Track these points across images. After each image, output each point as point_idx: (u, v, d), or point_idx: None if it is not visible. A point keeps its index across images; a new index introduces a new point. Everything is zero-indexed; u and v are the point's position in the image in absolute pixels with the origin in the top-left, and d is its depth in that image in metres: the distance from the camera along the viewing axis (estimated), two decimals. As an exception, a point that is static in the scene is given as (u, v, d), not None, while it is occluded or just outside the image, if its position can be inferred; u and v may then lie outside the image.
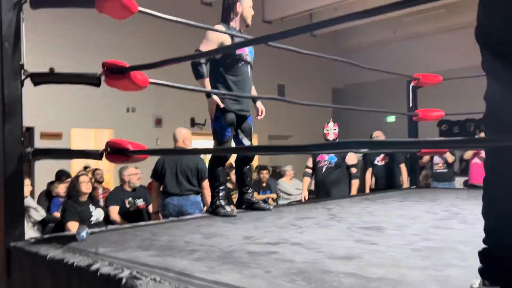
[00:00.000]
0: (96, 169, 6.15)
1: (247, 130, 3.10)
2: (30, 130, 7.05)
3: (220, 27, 2.92)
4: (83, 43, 7.83)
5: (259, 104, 3.17)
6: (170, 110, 8.93)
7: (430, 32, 11.24)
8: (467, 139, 1.92)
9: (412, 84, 4.56)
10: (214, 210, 2.88)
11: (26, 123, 6.33)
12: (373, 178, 5.83)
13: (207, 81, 2.87)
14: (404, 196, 3.83)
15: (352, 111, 12.79)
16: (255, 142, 11.18)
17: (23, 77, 2.09)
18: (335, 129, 5.06)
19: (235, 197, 5.58)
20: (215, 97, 2.86)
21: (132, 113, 8.33)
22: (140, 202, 4.68)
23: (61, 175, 5.50)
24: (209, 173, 3.00)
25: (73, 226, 3.93)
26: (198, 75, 2.84)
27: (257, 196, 6.35)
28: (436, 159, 6.45)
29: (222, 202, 2.90)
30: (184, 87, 2.52)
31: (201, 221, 2.65)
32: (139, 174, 4.95)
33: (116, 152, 2.01)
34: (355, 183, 4.97)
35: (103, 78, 2.08)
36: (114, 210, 4.48)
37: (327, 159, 5.01)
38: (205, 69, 2.85)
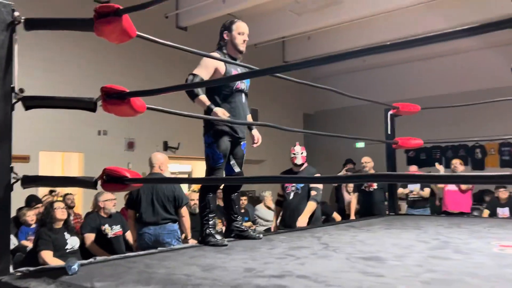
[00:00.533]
0: (67, 194, 5.91)
1: (239, 157, 3.07)
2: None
3: (216, 54, 2.92)
4: (75, 67, 7.83)
5: (255, 131, 3.14)
6: (142, 133, 8.77)
7: (398, 61, 11.64)
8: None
9: (390, 112, 4.66)
10: (204, 239, 2.80)
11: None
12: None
13: (204, 97, 2.81)
14: (387, 224, 3.86)
15: (322, 136, 12.99)
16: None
17: (14, 100, 1.99)
18: (302, 153, 4.82)
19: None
20: (219, 109, 2.78)
21: (103, 136, 8.11)
22: (117, 229, 4.50)
23: (31, 201, 5.24)
24: (200, 200, 2.93)
25: (47, 256, 3.74)
26: (194, 95, 2.80)
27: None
28: (411, 186, 6.59)
29: (212, 231, 2.83)
30: (179, 112, 2.48)
31: (193, 251, 2.56)
32: (114, 200, 4.78)
33: (113, 180, 1.92)
34: (310, 205, 4.33)
35: (99, 103, 2.02)
36: (90, 238, 4.29)
37: (294, 184, 4.65)
38: (198, 90, 2.81)
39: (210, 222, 2.85)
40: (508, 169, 10.96)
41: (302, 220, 4.23)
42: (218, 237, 2.82)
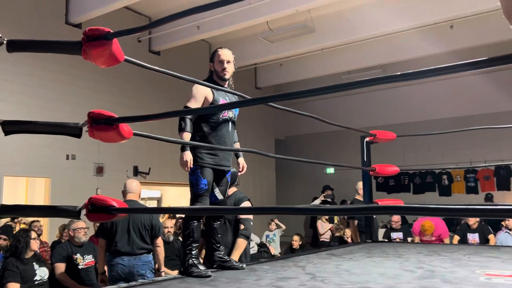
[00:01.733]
0: (33, 221, 5.64)
1: (223, 184, 3.01)
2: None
3: (205, 82, 2.89)
4: (59, 95, 7.75)
5: (241, 160, 3.13)
6: (112, 158, 8.55)
7: (370, 89, 11.93)
8: None
9: (367, 139, 4.72)
10: (186, 270, 2.70)
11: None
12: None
13: (186, 135, 2.78)
14: (367, 251, 3.84)
15: (294, 162, 13.05)
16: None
17: (-8, 125, 1.88)
18: None
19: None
20: (188, 156, 2.75)
21: (71, 161, 7.86)
22: (89, 259, 4.29)
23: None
24: (183, 229, 2.83)
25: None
26: (180, 129, 2.80)
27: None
28: (395, 217, 6.83)
29: (195, 261, 2.73)
30: (165, 138, 2.42)
31: (176, 283, 2.46)
32: (85, 228, 4.58)
33: (99, 210, 1.82)
34: (239, 243, 3.50)
35: (85, 129, 1.93)
36: (61, 268, 4.07)
37: None
38: (188, 124, 2.79)
39: (193, 252, 2.76)
40: (473, 195, 11.30)
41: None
42: (202, 267, 2.73)
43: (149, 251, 4.00)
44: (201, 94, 2.90)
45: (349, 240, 6.99)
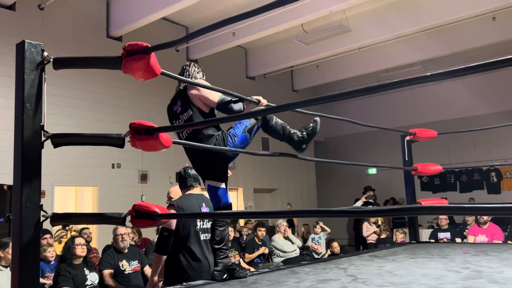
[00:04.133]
0: (83, 228, 5.89)
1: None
2: (11, 187, 6.79)
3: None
4: (102, 105, 8.12)
5: None
6: (155, 165, 8.80)
7: (411, 86, 11.66)
8: None
9: (407, 138, 4.63)
10: (230, 272, 2.71)
11: (8, 181, 6.17)
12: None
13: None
14: (411, 252, 3.77)
15: (334, 163, 12.95)
16: (240, 195, 11.11)
17: (43, 138, 2.00)
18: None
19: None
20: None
21: (117, 169, 8.15)
22: (135, 265, 4.44)
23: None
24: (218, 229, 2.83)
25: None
26: (236, 107, 2.66)
27: (251, 256, 6.19)
28: (442, 217, 6.69)
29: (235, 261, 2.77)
30: (202, 145, 2.49)
31: (219, 286, 2.51)
32: (131, 233, 4.75)
33: (143, 216, 1.91)
34: (154, 258, 3.20)
35: (127, 139, 2.02)
36: (108, 274, 4.23)
37: None
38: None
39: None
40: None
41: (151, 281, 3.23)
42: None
43: None
44: None
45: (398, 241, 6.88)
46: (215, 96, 2.69)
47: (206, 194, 3.09)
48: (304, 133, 2.83)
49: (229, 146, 2.65)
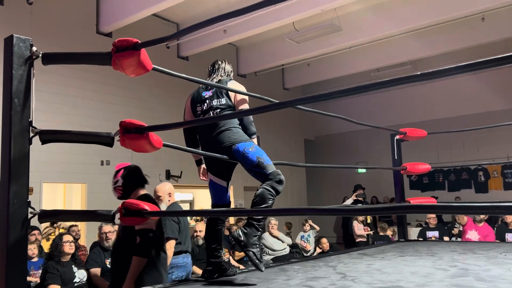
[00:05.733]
0: (72, 226, 5.84)
1: None
2: (-2, 185, 6.72)
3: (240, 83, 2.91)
4: (92, 102, 8.04)
5: None
6: (144, 162, 8.72)
7: (401, 85, 11.74)
8: None
9: (397, 137, 4.66)
10: (220, 270, 2.70)
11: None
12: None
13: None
14: (400, 250, 3.80)
15: (324, 162, 13.00)
16: (230, 193, 11.10)
17: (31, 134, 1.98)
18: (114, 184, 3.08)
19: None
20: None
21: (106, 166, 8.09)
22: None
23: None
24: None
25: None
26: (254, 132, 2.79)
27: (240, 254, 6.19)
28: (431, 215, 6.73)
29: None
30: (195, 151, 2.50)
31: (200, 286, 2.51)
32: (111, 233, 4.71)
33: (132, 214, 1.90)
34: (135, 262, 2.74)
35: (117, 138, 2.01)
36: (96, 272, 4.20)
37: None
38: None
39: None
40: (512, 191, 10.95)
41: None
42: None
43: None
44: None
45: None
46: (245, 101, 2.79)
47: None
48: (252, 256, 2.42)
49: (240, 144, 2.62)
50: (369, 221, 8.89)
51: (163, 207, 3.84)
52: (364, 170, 13.16)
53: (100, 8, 8.33)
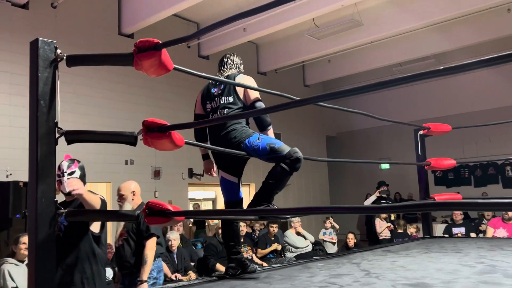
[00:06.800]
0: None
1: None
2: (27, 184, 6.89)
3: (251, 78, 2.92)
4: (115, 103, 8.15)
5: None
6: (168, 161, 8.85)
7: (424, 79, 11.56)
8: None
9: (420, 132, 4.59)
10: (243, 267, 2.72)
11: (23, 177, 6.21)
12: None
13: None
14: (425, 247, 3.75)
15: (346, 158, 12.88)
16: (252, 191, 11.12)
17: (57, 135, 2.03)
18: (73, 172, 2.92)
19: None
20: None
21: (130, 166, 8.22)
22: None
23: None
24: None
25: None
26: (268, 124, 2.75)
27: (263, 251, 6.21)
28: (456, 211, 6.61)
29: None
30: (215, 148, 2.51)
31: (226, 282, 2.53)
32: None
33: (156, 214, 1.92)
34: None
35: (140, 137, 2.03)
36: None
37: (60, 221, 2.82)
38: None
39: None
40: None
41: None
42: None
43: None
44: None
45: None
46: (255, 93, 2.78)
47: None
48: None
49: (247, 139, 2.63)
50: (392, 218, 8.78)
51: (127, 206, 3.66)
52: (387, 166, 13.00)
53: (122, 10, 8.45)
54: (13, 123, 6.71)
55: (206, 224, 8.64)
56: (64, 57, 2.06)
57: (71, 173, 2.85)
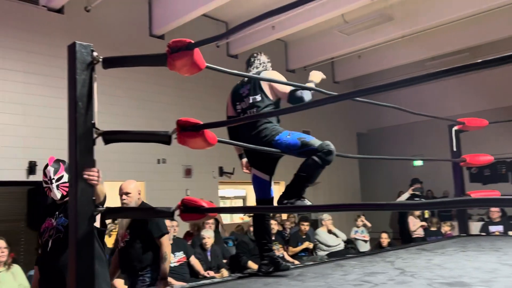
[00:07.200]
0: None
1: None
2: (64, 184, 7.11)
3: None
4: (145, 102, 8.28)
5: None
6: (199, 160, 8.94)
7: (454, 76, 11.24)
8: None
9: (455, 128, 4.48)
10: (275, 264, 2.74)
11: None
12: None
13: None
14: (461, 245, 3.66)
15: (378, 155, 12.69)
16: (282, 189, 11.13)
17: (94, 135, 2.09)
18: (61, 177, 2.71)
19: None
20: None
21: (162, 165, 8.35)
22: (180, 256, 4.56)
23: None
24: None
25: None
26: (304, 97, 2.70)
27: (295, 249, 6.20)
28: (494, 209, 6.43)
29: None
30: (245, 145, 2.53)
31: (265, 278, 2.54)
32: (174, 226, 4.90)
33: (191, 210, 1.96)
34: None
35: (174, 136, 2.07)
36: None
37: (55, 223, 2.68)
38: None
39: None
40: None
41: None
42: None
43: None
44: None
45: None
46: (287, 87, 2.77)
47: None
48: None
49: (278, 137, 2.65)
50: (426, 215, 8.60)
51: (132, 205, 3.58)
52: (420, 163, 12.71)
53: (153, 12, 8.58)
54: (50, 124, 6.93)
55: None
56: (100, 60, 2.12)
57: (60, 179, 2.68)
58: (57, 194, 2.65)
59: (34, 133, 6.86)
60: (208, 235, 5.25)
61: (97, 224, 2.64)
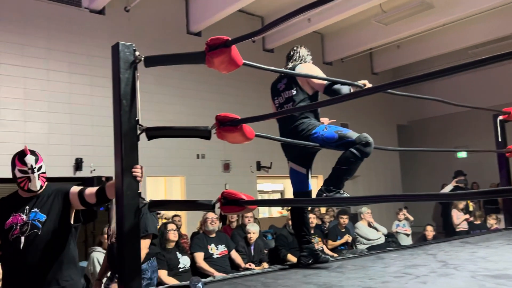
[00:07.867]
0: (175, 215, 6.26)
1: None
2: (109, 179, 7.38)
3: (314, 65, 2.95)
4: (183, 98, 8.48)
5: None
6: (237, 154, 9.05)
7: (502, 62, 10.80)
8: None
9: (500, 118, 4.33)
10: (314, 256, 2.76)
11: (106, 173, 6.57)
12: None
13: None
14: (507, 239, 3.56)
15: (419, 147, 12.39)
16: (320, 183, 11.08)
17: (138, 132, 2.17)
18: (39, 168, 2.48)
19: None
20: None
21: (202, 160, 8.51)
22: (222, 249, 4.66)
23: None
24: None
25: (162, 275, 3.96)
26: (341, 90, 2.66)
27: (334, 243, 6.18)
28: None
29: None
30: (282, 139, 2.56)
31: (304, 270, 2.57)
32: (215, 219, 4.99)
33: (231, 203, 2.01)
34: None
35: (213, 131, 2.13)
36: (200, 257, 4.48)
37: (24, 219, 2.43)
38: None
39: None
40: None
41: None
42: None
43: None
44: None
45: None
46: (323, 80, 2.77)
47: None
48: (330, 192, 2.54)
49: (315, 130, 2.67)
50: (471, 208, 8.34)
51: None
52: (464, 155, 12.31)
53: (189, 9, 8.72)
54: (95, 122, 7.20)
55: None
56: (142, 58, 2.20)
57: (40, 168, 2.46)
58: (37, 184, 2.43)
59: (80, 131, 7.15)
60: (253, 230, 5.27)
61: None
